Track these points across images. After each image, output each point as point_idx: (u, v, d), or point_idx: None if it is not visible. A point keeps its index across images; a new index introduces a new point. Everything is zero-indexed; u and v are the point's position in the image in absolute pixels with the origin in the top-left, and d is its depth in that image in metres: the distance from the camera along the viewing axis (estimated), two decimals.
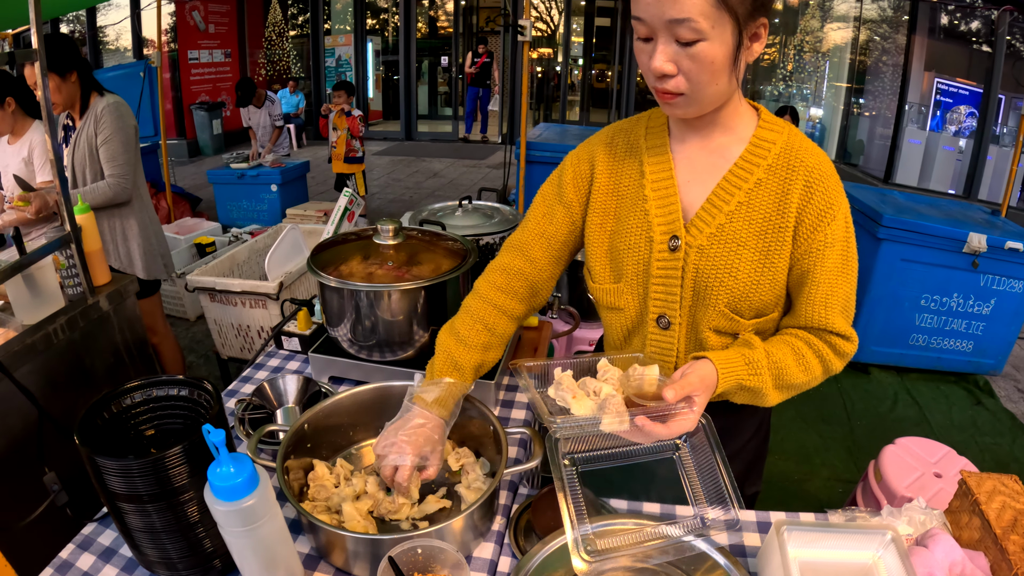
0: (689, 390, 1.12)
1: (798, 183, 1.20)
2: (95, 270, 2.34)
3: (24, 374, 1.88)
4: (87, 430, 1.14)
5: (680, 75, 1.11)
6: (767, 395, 1.24)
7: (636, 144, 1.35)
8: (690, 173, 1.29)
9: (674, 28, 1.05)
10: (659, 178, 1.30)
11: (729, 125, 1.26)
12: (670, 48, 1.08)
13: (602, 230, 1.39)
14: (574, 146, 1.46)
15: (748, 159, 1.24)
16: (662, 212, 1.29)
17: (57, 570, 1.25)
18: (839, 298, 1.23)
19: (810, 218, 1.20)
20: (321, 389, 1.72)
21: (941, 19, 9.86)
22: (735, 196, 1.24)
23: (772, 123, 1.25)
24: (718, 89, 1.14)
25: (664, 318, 1.34)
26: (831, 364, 1.27)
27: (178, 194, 7.09)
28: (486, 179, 10.21)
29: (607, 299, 1.41)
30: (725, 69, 1.10)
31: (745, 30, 1.08)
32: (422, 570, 1.12)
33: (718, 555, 1.17)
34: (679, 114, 1.20)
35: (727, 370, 1.18)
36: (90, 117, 3.02)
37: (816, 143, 1.26)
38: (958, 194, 9.43)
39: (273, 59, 13.94)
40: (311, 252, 1.75)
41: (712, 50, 1.06)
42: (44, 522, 1.50)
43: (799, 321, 1.28)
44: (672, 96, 1.14)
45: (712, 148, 1.28)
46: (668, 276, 1.30)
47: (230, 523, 1.01)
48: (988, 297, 4.20)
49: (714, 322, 1.30)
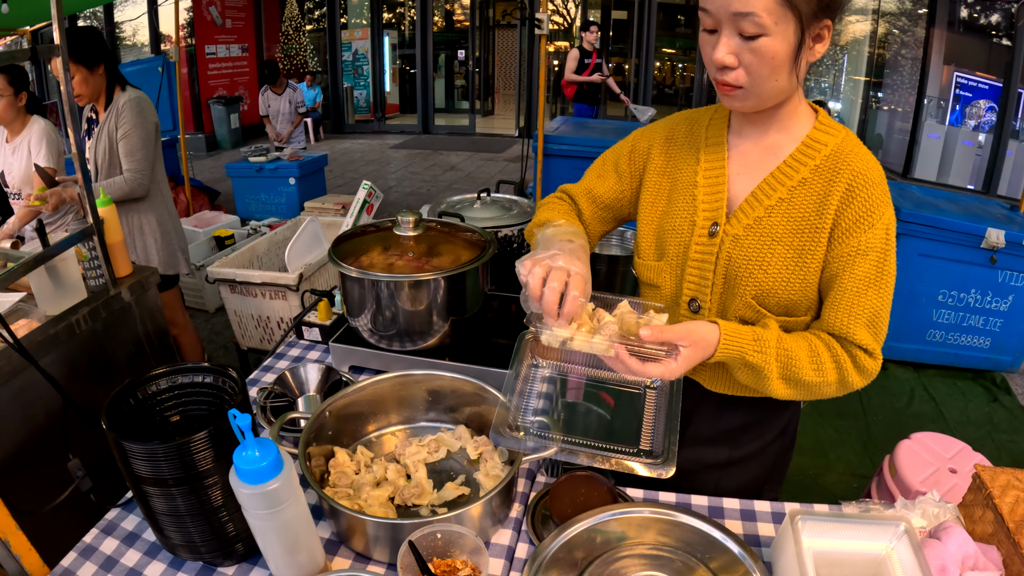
0: (669, 335, 1.13)
1: (840, 186, 1.21)
2: (117, 262, 2.37)
3: (47, 364, 1.91)
4: (114, 416, 1.16)
5: (740, 68, 1.13)
6: (771, 380, 1.23)
7: (697, 133, 1.40)
8: (741, 166, 1.33)
9: (738, 21, 1.08)
10: (712, 167, 1.34)
11: (786, 124, 1.28)
12: (733, 41, 1.11)
13: (653, 208, 1.44)
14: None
15: (797, 158, 1.26)
16: (709, 199, 1.33)
17: (81, 554, 1.27)
18: (865, 309, 1.22)
19: (846, 222, 1.21)
20: (341, 378, 1.74)
21: (960, 12, 9.74)
22: (777, 192, 1.26)
23: (829, 126, 1.27)
24: (777, 85, 1.16)
25: (695, 302, 1.38)
26: (849, 375, 1.24)
27: (197, 187, 7.14)
28: (503, 172, 10.20)
29: (648, 275, 1.46)
30: (785, 66, 1.12)
31: (808, 30, 1.10)
32: (441, 555, 1.14)
33: (732, 544, 1.18)
34: (737, 107, 1.23)
35: (730, 338, 1.19)
36: (112, 111, 3.05)
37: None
38: (977, 189, 9.33)
39: (290, 53, 13.97)
40: (332, 243, 1.76)
41: (774, 46, 1.09)
42: (68, 508, 1.52)
43: (823, 326, 1.28)
44: (731, 88, 1.17)
45: (766, 145, 1.30)
46: (703, 260, 1.33)
47: (254, 506, 1.03)
48: (1006, 293, 4.16)
49: (741, 312, 1.32)
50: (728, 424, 1.52)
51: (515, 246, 2.22)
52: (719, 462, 1.55)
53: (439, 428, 1.59)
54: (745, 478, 1.58)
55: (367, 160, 11.53)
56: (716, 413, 1.50)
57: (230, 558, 1.23)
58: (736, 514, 1.36)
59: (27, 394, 1.94)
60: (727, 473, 1.56)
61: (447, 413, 1.60)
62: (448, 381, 1.55)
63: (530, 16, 4.70)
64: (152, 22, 12.78)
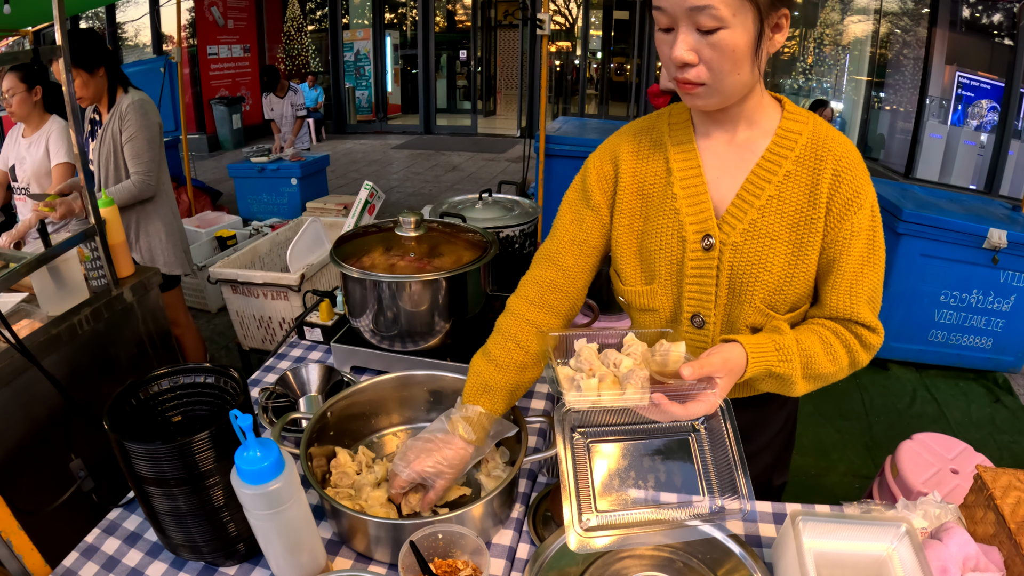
0: (709, 370, 1.09)
1: (827, 172, 1.19)
2: (119, 262, 2.37)
3: (49, 364, 1.91)
4: (116, 416, 1.16)
5: (701, 64, 1.10)
6: (795, 383, 1.22)
7: (660, 141, 1.32)
8: (718, 169, 1.27)
9: (695, 16, 1.05)
10: (687, 175, 1.28)
11: (753, 118, 1.25)
12: (691, 37, 1.08)
13: (630, 231, 1.36)
14: (593, 140, 1.47)
15: (776, 151, 1.22)
16: (693, 210, 1.27)
17: (83, 554, 1.28)
18: (865, 288, 1.22)
19: (838, 207, 1.19)
20: (343, 378, 1.74)
21: (962, 12, 9.74)
22: (765, 190, 1.22)
23: (796, 114, 1.24)
24: (740, 79, 1.12)
25: (698, 317, 1.33)
26: (858, 355, 1.25)
27: (199, 188, 7.15)
28: (505, 173, 10.22)
29: (640, 301, 1.39)
30: (747, 58, 1.09)
31: (767, 20, 1.07)
32: (442, 555, 1.14)
33: (733, 545, 1.18)
34: (700, 105, 1.18)
35: (757, 355, 1.16)
36: (116, 113, 3.05)
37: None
38: (979, 189, 9.33)
39: (292, 54, 13.99)
40: (334, 244, 1.77)
41: (733, 38, 1.06)
42: (70, 508, 1.52)
43: (825, 311, 1.26)
44: (693, 86, 1.13)
45: (738, 142, 1.26)
46: (703, 275, 1.28)
47: (256, 506, 1.03)
48: (1008, 294, 4.16)
49: (750, 319, 1.29)
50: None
51: (516, 247, 2.22)
52: None
53: None
54: (756, 471, 1.56)
55: (369, 160, 11.55)
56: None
57: (231, 558, 1.23)
58: (735, 514, 1.36)
59: (29, 394, 1.94)
60: None
61: None
62: (449, 382, 1.56)
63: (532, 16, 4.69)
64: (154, 23, 12.79)
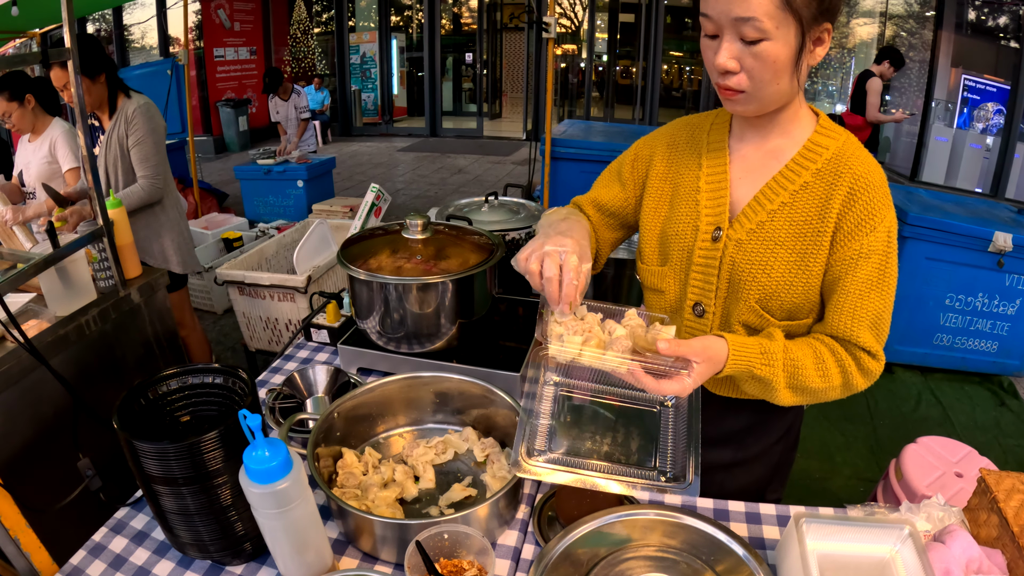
0: (686, 350, 1.12)
1: (842, 190, 1.22)
2: (126, 263, 2.39)
3: (57, 364, 1.92)
4: (125, 415, 1.17)
5: (742, 72, 1.14)
6: (778, 390, 1.24)
7: (699, 138, 1.41)
8: (743, 171, 1.33)
9: (739, 26, 1.09)
10: (714, 172, 1.35)
11: (787, 128, 1.29)
12: (735, 46, 1.12)
13: (656, 214, 1.45)
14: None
15: (799, 162, 1.27)
16: (711, 204, 1.34)
17: (90, 552, 1.29)
18: (868, 312, 1.23)
19: (848, 225, 1.22)
20: (350, 380, 1.75)
21: (968, 14, 9.72)
22: (780, 196, 1.27)
23: (830, 129, 1.27)
24: (779, 89, 1.17)
25: (700, 306, 1.39)
26: (853, 378, 1.26)
27: (205, 190, 7.17)
28: (511, 175, 10.23)
29: (651, 280, 1.47)
30: (787, 70, 1.13)
31: (809, 33, 1.11)
32: (448, 555, 1.15)
33: (737, 546, 1.19)
34: (739, 111, 1.24)
35: (739, 353, 1.19)
36: (120, 118, 3.07)
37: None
38: (985, 192, 9.29)
39: (298, 56, 14.02)
40: (341, 246, 1.77)
41: (775, 50, 1.10)
42: (77, 507, 1.53)
43: (826, 329, 1.29)
44: (733, 93, 1.18)
45: (768, 149, 1.31)
46: (707, 265, 1.34)
47: (264, 505, 1.04)
48: (1013, 297, 4.15)
49: (744, 316, 1.33)
50: (732, 426, 1.53)
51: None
52: (723, 463, 1.56)
53: (447, 430, 1.60)
54: (749, 479, 1.59)
55: (375, 163, 11.57)
56: (720, 415, 1.51)
57: (238, 557, 1.24)
58: (741, 516, 1.37)
59: (37, 394, 1.95)
60: (731, 475, 1.57)
61: (455, 415, 1.61)
62: (456, 383, 1.56)
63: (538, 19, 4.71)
64: (161, 25, 12.81)
